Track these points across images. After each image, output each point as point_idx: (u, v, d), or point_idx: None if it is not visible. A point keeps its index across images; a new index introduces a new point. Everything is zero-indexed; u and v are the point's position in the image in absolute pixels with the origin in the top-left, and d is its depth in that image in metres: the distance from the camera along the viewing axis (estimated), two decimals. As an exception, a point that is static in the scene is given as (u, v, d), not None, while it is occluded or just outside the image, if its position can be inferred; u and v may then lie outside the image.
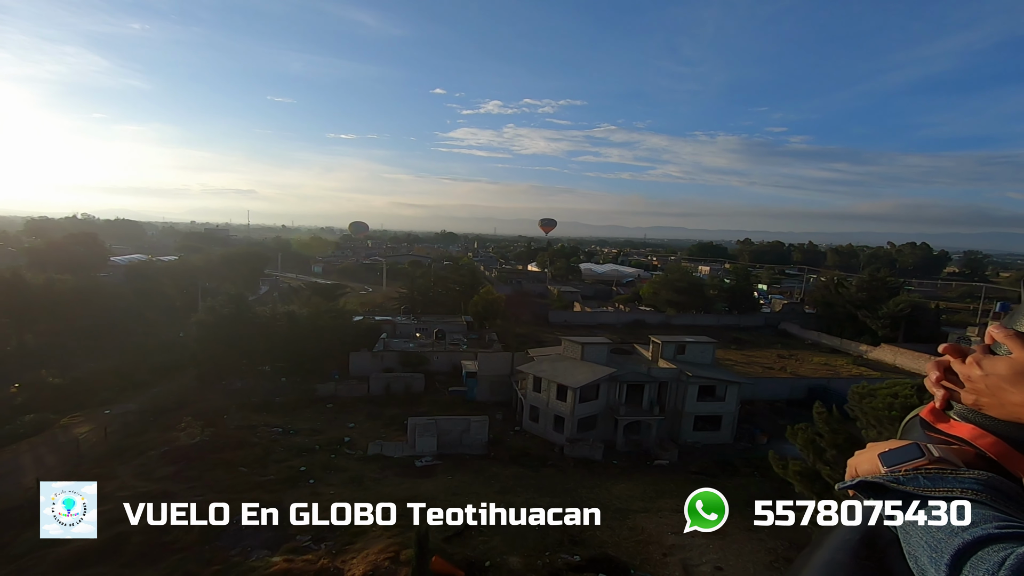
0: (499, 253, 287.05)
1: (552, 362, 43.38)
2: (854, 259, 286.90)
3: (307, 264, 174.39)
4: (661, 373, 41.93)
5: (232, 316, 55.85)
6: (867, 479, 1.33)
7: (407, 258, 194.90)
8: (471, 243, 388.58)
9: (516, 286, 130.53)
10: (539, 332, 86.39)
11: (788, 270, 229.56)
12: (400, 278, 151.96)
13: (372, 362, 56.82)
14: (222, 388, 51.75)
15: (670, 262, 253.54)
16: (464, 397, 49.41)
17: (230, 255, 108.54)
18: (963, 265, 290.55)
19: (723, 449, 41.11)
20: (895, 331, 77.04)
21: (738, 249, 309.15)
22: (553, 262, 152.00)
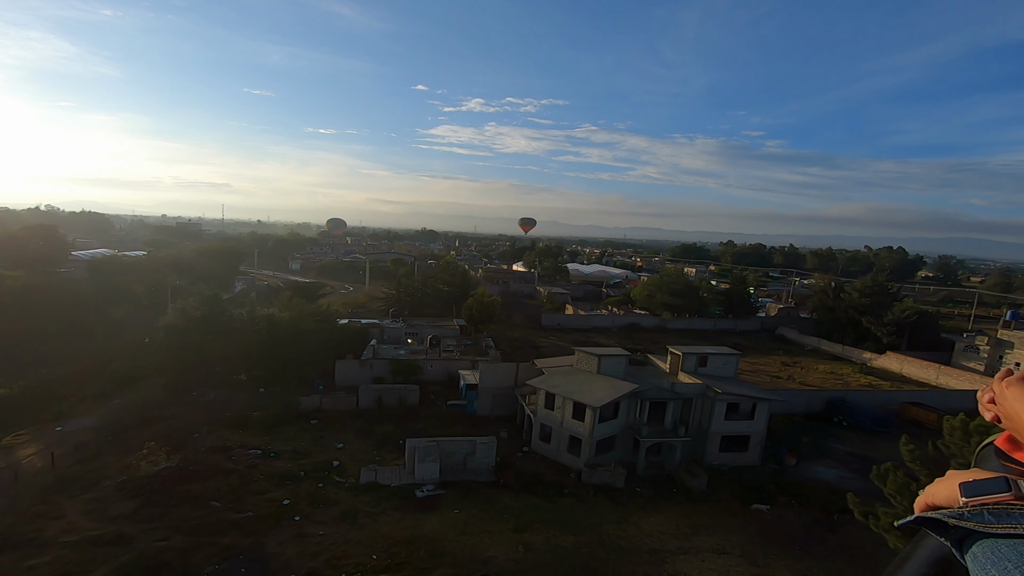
0: (482, 252, 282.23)
1: (565, 376, 39.30)
2: (833, 262, 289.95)
3: (285, 260, 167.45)
4: (686, 389, 38.19)
5: (205, 319, 50.54)
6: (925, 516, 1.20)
7: (389, 256, 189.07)
8: (452, 241, 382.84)
9: (504, 287, 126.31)
10: (533, 336, 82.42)
11: (772, 272, 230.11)
12: (383, 277, 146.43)
13: (360, 371, 52.05)
14: (192, 400, 46.49)
15: (656, 263, 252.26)
16: (463, 411, 45.06)
17: (203, 251, 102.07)
18: (937, 269, 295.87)
19: (751, 473, 37.55)
20: (899, 338, 74.98)
21: (721, 251, 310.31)
22: (540, 262, 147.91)
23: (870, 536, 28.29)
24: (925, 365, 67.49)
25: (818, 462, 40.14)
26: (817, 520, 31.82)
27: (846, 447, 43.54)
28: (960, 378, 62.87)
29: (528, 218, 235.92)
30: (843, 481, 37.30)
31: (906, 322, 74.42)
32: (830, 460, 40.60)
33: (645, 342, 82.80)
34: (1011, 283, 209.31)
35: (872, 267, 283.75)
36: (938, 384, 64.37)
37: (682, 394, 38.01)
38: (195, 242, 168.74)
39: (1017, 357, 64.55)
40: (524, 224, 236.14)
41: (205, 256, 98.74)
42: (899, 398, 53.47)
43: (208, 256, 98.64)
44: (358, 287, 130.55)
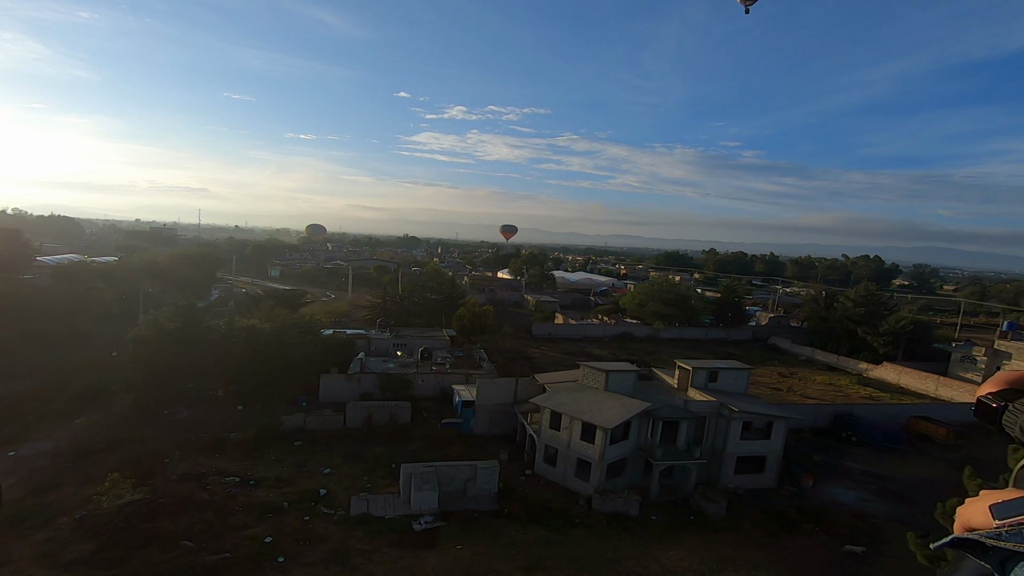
0: (465, 258, 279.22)
1: (571, 393, 36.78)
2: (813, 270, 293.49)
3: (264, 267, 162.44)
4: (700, 407, 35.97)
5: (179, 331, 46.92)
6: (961, 536, 1.20)
7: (371, 262, 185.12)
8: (435, 248, 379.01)
9: (490, 295, 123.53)
10: (524, 346, 79.85)
11: (755, 281, 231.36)
12: (366, 284, 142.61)
13: (347, 386, 48.88)
14: (164, 420, 42.87)
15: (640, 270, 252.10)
16: (459, 430, 42.21)
17: (178, 257, 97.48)
18: (911, 278, 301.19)
19: (768, 496, 35.40)
20: (895, 348, 74.14)
21: (704, 259, 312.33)
22: (527, 270, 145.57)
23: (905, 568, 26.21)
24: (924, 376, 66.52)
25: (835, 483, 38.18)
26: (842, 547, 29.72)
27: (860, 465, 41.70)
28: (960, 389, 61.91)
29: (510, 225, 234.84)
30: (864, 504, 35.37)
31: (901, 332, 73.64)
32: (846, 480, 38.67)
33: (638, 352, 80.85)
34: (986, 292, 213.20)
35: (850, 275, 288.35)
36: (938, 396, 63.36)
37: (696, 412, 35.76)
38: (170, 247, 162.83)
39: (1015, 367, 63.75)
40: (505, 231, 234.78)
41: (180, 262, 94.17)
42: (906, 412, 52.03)
43: (183, 262, 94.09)
44: (340, 295, 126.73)
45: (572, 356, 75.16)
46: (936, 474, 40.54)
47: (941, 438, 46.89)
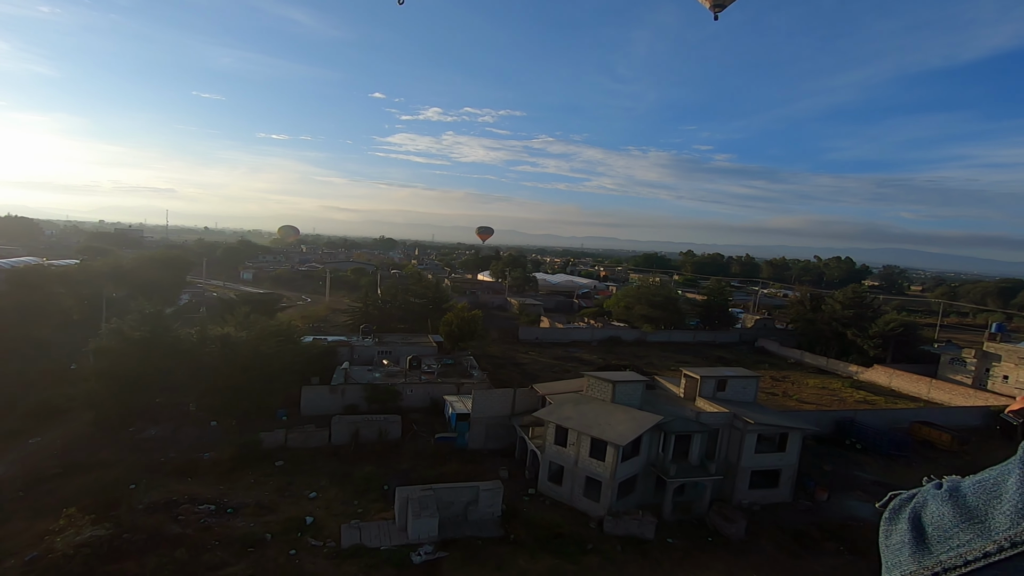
0: (444, 260, 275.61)
1: (576, 405, 34.46)
2: (787, 271, 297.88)
3: (236, 270, 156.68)
4: (712, 419, 34.02)
5: (146, 340, 43.20)
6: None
7: (348, 265, 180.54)
8: (412, 249, 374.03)
9: (472, 298, 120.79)
10: (512, 352, 77.38)
11: (733, 283, 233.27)
12: (343, 287, 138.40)
13: (330, 398, 45.76)
14: (129, 439, 39.20)
15: (619, 272, 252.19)
16: (453, 445, 39.53)
17: (145, 259, 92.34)
18: (881, 279, 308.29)
19: (783, 511, 33.64)
20: (885, 351, 73.88)
21: (681, 260, 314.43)
22: (509, 272, 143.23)
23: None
24: (916, 379, 66.18)
25: (848, 495, 36.65)
26: (870, 568, 27.99)
27: (870, 474, 40.35)
28: (953, 392, 61.65)
29: (486, 227, 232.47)
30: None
31: (891, 335, 73.42)
32: (859, 492, 37.18)
33: (628, 356, 79.17)
34: (956, 292, 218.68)
35: (823, 277, 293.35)
36: (931, 399, 63.01)
37: (708, 425, 33.79)
38: (136, 250, 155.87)
39: (1004, 370, 63.97)
40: (482, 233, 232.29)
41: (147, 265, 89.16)
42: (907, 417, 51.18)
43: (150, 265, 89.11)
44: (317, 299, 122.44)
45: (562, 362, 73.12)
46: (947, 483, 39.34)
47: (945, 444, 45.99)
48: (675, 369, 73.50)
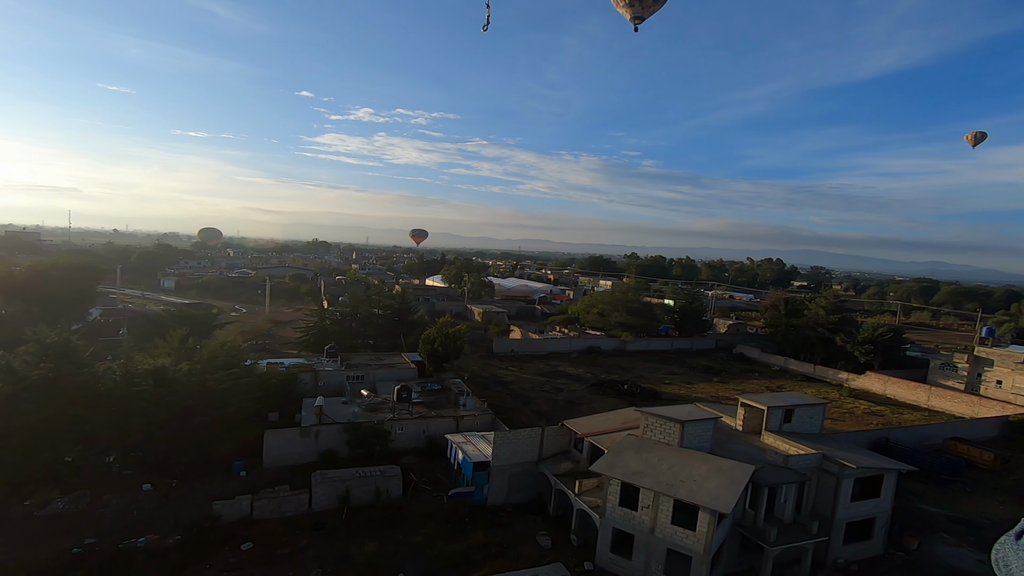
0: (385, 264, 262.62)
1: (638, 453, 27.52)
2: (724, 273, 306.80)
3: (154, 277, 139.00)
4: (802, 463, 28.11)
5: (49, 382, 32.33)
6: None
7: (285, 270, 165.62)
8: (348, 253, 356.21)
9: (428, 305, 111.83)
10: (490, 367, 69.53)
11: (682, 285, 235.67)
12: (282, 296, 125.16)
13: (302, 444, 36.47)
14: (24, 518, 28.52)
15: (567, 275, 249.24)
16: (469, 502, 31.54)
17: (43, 268, 76.94)
18: (809, 279, 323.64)
19: (880, 567, 28.26)
20: (874, 357, 72.19)
21: (625, 263, 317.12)
22: (467, 277, 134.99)
23: None
24: (913, 386, 64.34)
25: (933, 538, 31.86)
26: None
27: (936, 508, 36.01)
28: (955, 400, 59.92)
29: (420, 229, 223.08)
30: (988, 568, 29.15)
31: (880, 340, 71.81)
32: (943, 534, 32.53)
33: (612, 368, 73.53)
34: (885, 291, 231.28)
35: (756, 277, 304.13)
36: (930, 406, 61.13)
37: (799, 470, 27.82)
38: (32, 256, 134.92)
39: (997, 375, 63.20)
40: (416, 235, 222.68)
41: (46, 275, 74.13)
42: (936, 433, 47.99)
43: (51, 275, 74.13)
44: (252, 309, 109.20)
45: (548, 378, 66.23)
46: (1018, 512, 35.59)
47: (988, 463, 42.81)
48: (670, 384, 68.97)
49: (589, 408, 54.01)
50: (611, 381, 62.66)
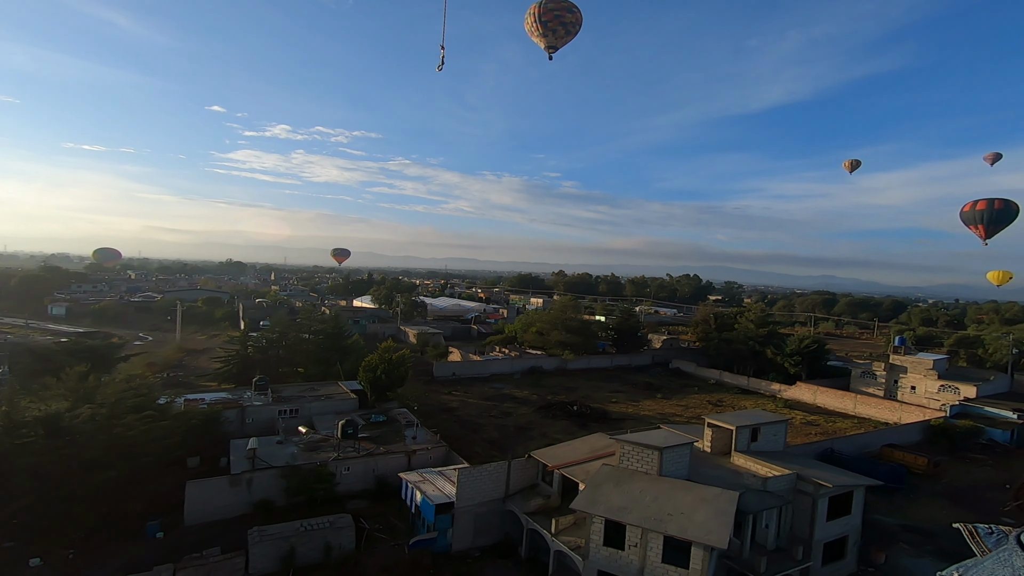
0: (308, 285, 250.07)
1: (618, 486, 25.78)
2: (646, 289, 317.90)
3: (41, 303, 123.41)
4: (779, 484, 27.46)
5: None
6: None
7: (197, 294, 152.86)
8: (266, 274, 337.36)
9: (359, 328, 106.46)
10: (433, 393, 66.11)
11: (610, 301, 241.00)
12: (194, 321, 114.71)
13: (232, 495, 31.84)
14: None
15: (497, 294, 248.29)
16: (432, 550, 28.45)
17: None
18: (723, 293, 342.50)
19: (855, 586, 28.00)
20: (802, 368, 75.57)
21: (553, 280, 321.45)
22: (399, 298, 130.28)
23: None
24: (840, 395, 67.68)
25: (893, 550, 32.29)
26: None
27: (889, 518, 36.84)
28: (879, 407, 63.40)
29: (342, 248, 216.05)
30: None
31: (807, 351, 75.38)
32: (902, 544, 33.13)
33: (556, 388, 72.25)
34: (792, 304, 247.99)
35: (676, 292, 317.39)
36: (857, 413, 64.41)
37: (777, 493, 27.16)
38: None
39: (911, 381, 67.79)
40: (338, 255, 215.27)
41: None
42: (874, 440, 50.12)
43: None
44: (160, 336, 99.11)
45: (495, 402, 63.73)
46: (959, 515, 37.16)
47: (922, 468, 44.90)
48: (617, 402, 68.47)
49: (540, 433, 52.18)
50: (559, 403, 61.18)
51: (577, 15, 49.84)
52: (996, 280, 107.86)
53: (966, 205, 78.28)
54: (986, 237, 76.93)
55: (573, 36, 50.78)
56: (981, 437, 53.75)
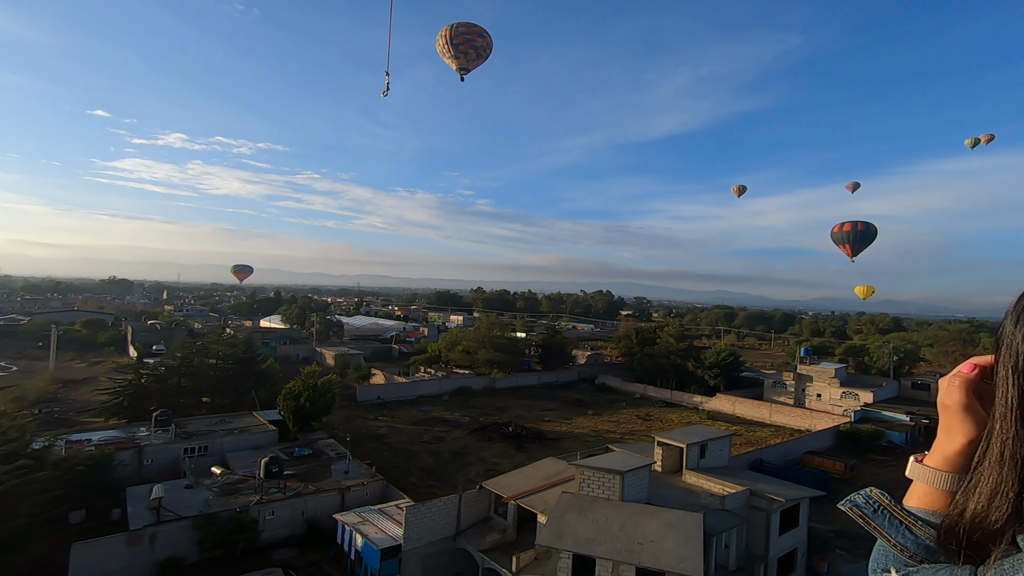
0: (208, 305, 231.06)
1: (581, 515, 24.37)
2: (562, 304, 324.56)
3: None
4: (735, 502, 27.28)
5: None
6: None
7: (74, 315, 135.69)
8: (157, 292, 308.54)
9: (270, 350, 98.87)
10: (358, 419, 61.77)
11: (529, 317, 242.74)
12: (72, 346, 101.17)
13: (130, 557, 26.98)
14: None
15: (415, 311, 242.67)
16: (377, 601, 25.50)
17: None
18: (634, 309, 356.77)
19: (805, 598, 28.40)
20: (720, 379, 78.93)
21: (471, 297, 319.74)
22: (315, 318, 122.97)
23: None
24: (756, 404, 71.11)
25: (832, 556, 33.43)
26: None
27: (823, 526, 38.28)
28: (792, 415, 67.20)
29: (243, 265, 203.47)
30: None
31: (724, 364, 78.90)
32: (838, 551, 34.37)
33: (486, 408, 70.33)
34: (698, 319, 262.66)
35: (590, 308, 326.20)
36: (772, 422, 67.90)
37: (734, 511, 27.00)
38: None
39: (817, 388, 72.75)
40: (239, 272, 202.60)
41: None
42: (794, 448, 52.53)
43: None
44: (28, 365, 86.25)
45: (425, 426, 60.62)
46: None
47: (840, 473, 47.56)
48: (550, 421, 67.57)
49: (477, 457, 50.04)
50: (493, 424, 59.33)
51: (488, 40, 51.03)
52: (862, 294, 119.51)
53: (835, 227, 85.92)
54: (853, 255, 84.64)
55: (484, 60, 52.29)
56: (882, 439, 58.26)
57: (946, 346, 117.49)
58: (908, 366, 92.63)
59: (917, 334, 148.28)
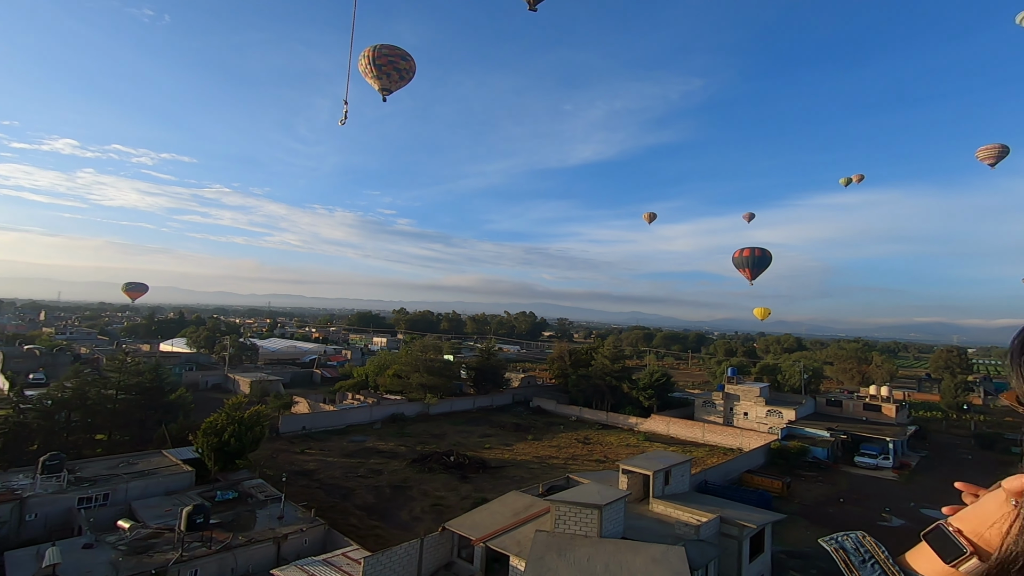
0: (96, 327, 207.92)
1: (560, 556, 22.59)
2: (487, 325, 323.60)
3: None
4: (708, 530, 26.60)
5: None
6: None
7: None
8: (34, 312, 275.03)
9: (176, 377, 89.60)
10: (285, 453, 56.46)
11: (454, 339, 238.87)
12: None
13: (15, 639, 21.96)
14: None
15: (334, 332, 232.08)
16: (329, 670, 22.25)
17: None
18: (556, 330, 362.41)
19: (772, 625, 28.22)
20: (654, 400, 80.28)
21: (395, 318, 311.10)
22: (228, 341, 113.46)
23: None
24: (689, 424, 72.78)
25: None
26: None
27: (775, 546, 38.87)
28: (723, 434, 69.24)
29: (136, 283, 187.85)
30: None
31: (657, 384, 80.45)
32: (792, 572, 34.75)
33: (422, 436, 67.04)
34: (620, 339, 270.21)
35: (514, 329, 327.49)
36: (706, 441, 69.66)
37: (709, 541, 26.35)
38: None
39: (744, 407, 75.73)
40: (131, 290, 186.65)
41: None
42: (733, 468, 53.68)
43: None
44: None
45: (360, 460, 56.43)
46: (819, 532, 40.53)
47: (778, 491, 49.00)
48: (491, 448, 65.19)
49: (420, 491, 46.94)
50: (433, 454, 56.30)
51: (411, 63, 51.20)
52: (760, 315, 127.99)
53: (736, 252, 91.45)
54: (752, 279, 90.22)
55: (407, 82, 52.95)
56: (807, 455, 61.18)
57: (844, 364, 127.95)
58: (815, 383, 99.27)
59: (818, 352, 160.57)
